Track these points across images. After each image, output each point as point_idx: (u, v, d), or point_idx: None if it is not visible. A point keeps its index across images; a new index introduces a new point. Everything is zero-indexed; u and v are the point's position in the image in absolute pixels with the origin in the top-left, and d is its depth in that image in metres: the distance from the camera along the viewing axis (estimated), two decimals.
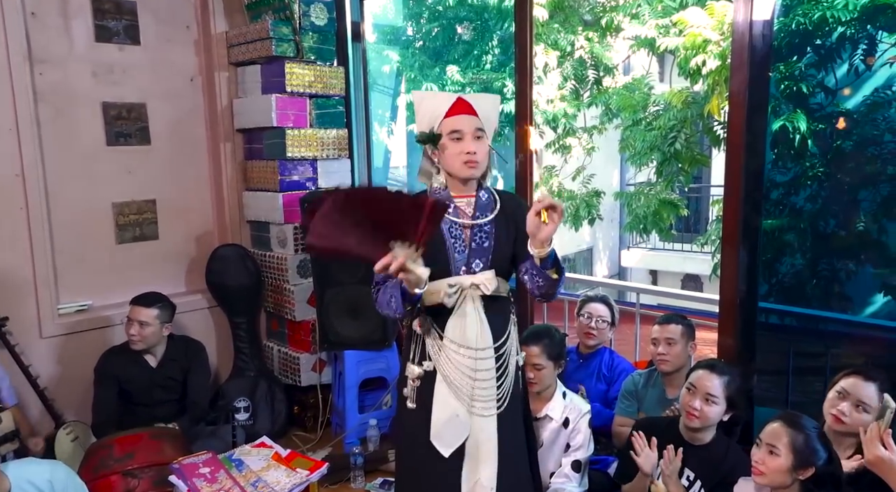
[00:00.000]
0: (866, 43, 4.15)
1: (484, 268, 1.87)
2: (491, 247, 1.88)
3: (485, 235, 1.87)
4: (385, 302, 1.81)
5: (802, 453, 1.75)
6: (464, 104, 1.84)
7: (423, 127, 1.87)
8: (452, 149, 1.82)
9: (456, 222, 1.87)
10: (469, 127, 1.81)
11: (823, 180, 5.04)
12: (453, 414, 1.83)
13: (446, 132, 1.82)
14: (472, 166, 1.82)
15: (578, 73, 7.11)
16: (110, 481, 2.37)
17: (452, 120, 1.82)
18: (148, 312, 2.79)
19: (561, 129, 7.36)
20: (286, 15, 3.15)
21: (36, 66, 2.89)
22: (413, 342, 1.93)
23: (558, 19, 6.94)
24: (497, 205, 1.91)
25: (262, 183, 3.34)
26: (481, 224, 1.87)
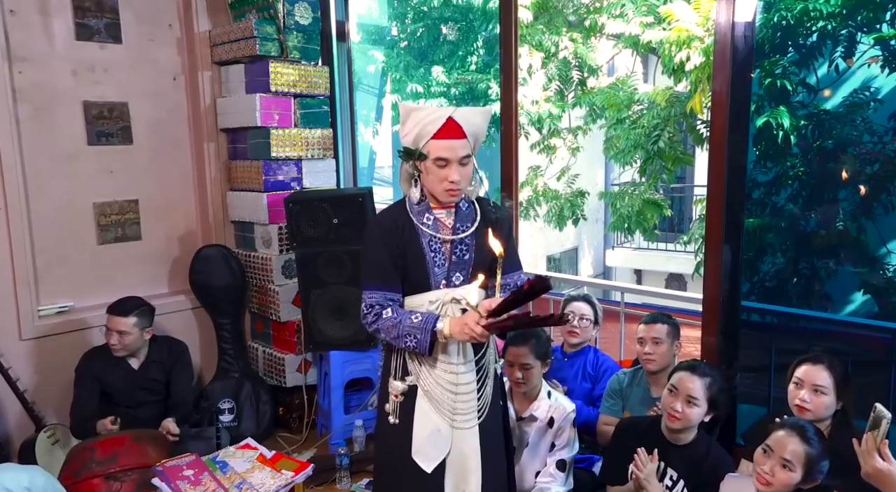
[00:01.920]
0: (846, 42, 4.21)
1: (464, 281, 1.84)
2: (471, 259, 1.85)
3: (465, 247, 1.84)
4: (397, 336, 1.76)
5: (814, 470, 1.78)
6: (454, 126, 1.74)
7: (407, 141, 1.79)
8: (436, 174, 1.76)
9: (436, 237, 1.82)
10: (455, 155, 1.74)
11: (804, 180, 5.11)
12: (435, 429, 1.83)
13: (432, 156, 1.75)
14: (452, 195, 1.79)
15: (563, 74, 7.15)
16: (92, 485, 2.34)
17: (440, 145, 1.74)
18: (125, 321, 2.74)
19: (546, 129, 7.39)
20: (270, 14, 3.13)
21: (15, 65, 2.85)
22: (394, 357, 1.89)
23: (543, 20, 6.97)
24: (477, 215, 1.88)
25: (247, 183, 3.32)
26: (463, 238, 1.84)
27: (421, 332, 1.73)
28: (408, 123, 1.78)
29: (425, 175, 1.79)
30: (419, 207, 1.83)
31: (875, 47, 3.85)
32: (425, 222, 1.83)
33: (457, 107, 1.80)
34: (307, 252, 2.97)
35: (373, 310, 1.80)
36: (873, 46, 4.07)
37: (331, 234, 2.94)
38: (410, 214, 1.84)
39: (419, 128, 1.75)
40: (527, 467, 2.41)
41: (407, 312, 1.77)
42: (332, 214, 2.92)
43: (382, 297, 1.80)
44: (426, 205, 1.84)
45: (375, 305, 1.80)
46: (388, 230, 1.82)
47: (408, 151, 1.80)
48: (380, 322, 1.79)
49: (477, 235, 1.84)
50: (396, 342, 1.78)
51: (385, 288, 1.81)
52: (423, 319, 1.74)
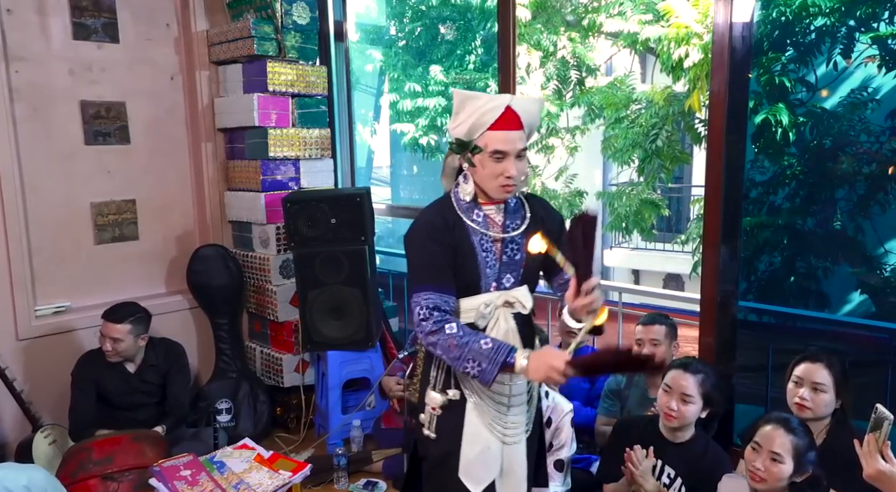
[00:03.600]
0: (845, 39, 4.21)
1: (515, 283, 1.72)
2: (522, 260, 1.71)
3: (516, 246, 1.71)
4: (458, 357, 1.57)
5: (803, 460, 1.80)
6: (512, 116, 1.61)
7: (460, 132, 1.64)
8: (491, 168, 1.62)
9: (486, 235, 1.69)
10: (513, 148, 1.61)
11: (802, 179, 5.12)
12: (485, 447, 1.70)
13: (488, 149, 1.61)
14: (508, 191, 1.65)
15: (561, 74, 7.15)
16: (89, 485, 2.34)
17: (497, 137, 1.60)
18: (119, 328, 2.72)
19: (544, 129, 7.39)
20: (268, 14, 3.13)
21: (12, 64, 2.84)
22: (435, 367, 1.74)
23: (541, 20, 6.96)
24: (526, 212, 1.75)
25: (244, 183, 3.32)
26: (514, 236, 1.71)
27: (489, 362, 1.54)
28: (462, 112, 1.63)
29: (478, 172, 1.65)
30: (468, 203, 1.70)
31: (872, 47, 3.85)
32: (475, 219, 1.69)
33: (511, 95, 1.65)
34: (305, 252, 2.97)
35: (433, 316, 1.61)
36: (871, 45, 4.07)
37: (329, 234, 2.94)
38: (458, 211, 1.70)
39: (475, 118, 1.60)
40: None
41: (475, 334, 1.58)
42: (330, 214, 2.92)
43: (439, 299, 1.63)
44: (475, 201, 1.70)
45: (435, 310, 1.61)
46: (438, 229, 1.67)
47: (461, 143, 1.65)
48: (441, 336, 1.59)
49: (528, 234, 1.70)
50: (454, 364, 1.60)
51: (441, 289, 1.64)
52: (494, 347, 1.54)
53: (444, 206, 1.73)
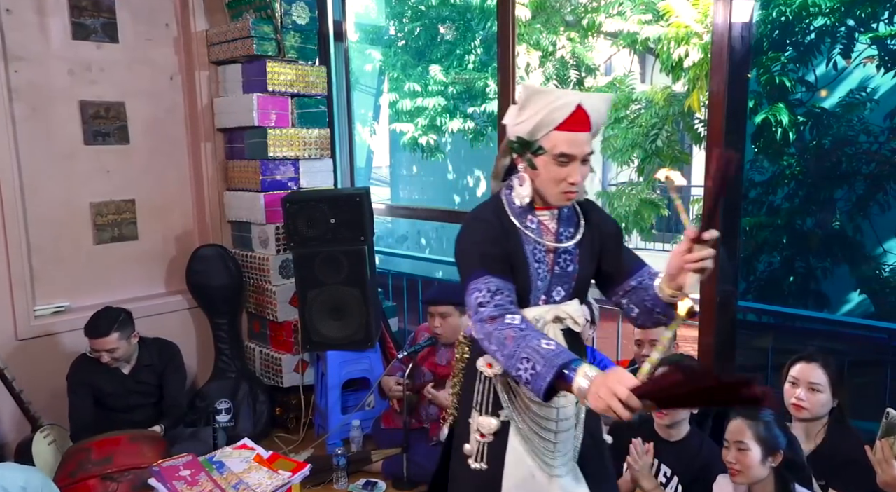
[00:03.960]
0: (844, 39, 4.21)
1: (566, 297, 1.58)
2: (575, 271, 1.58)
3: (570, 257, 1.57)
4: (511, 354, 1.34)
5: (768, 440, 1.81)
6: (582, 116, 1.45)
7: (522, 130, 1.48)
8: (553, 172, 1.48)
9: (540, 243, 1.54)
10: (581, 151, 1.47)
11: (801, 179, 5.12)
12: (528, 475, 1.54)
13: (553, 151, 1.46)
14: (570, 198, 1.51)
15: (560, 74, 7.15)
16: (89, 485, 2.34)
17: (565, 138, 1.44)
18: (109, 340, 2.68)
19: None
20: (267, 13, 3.13)
21: (11, 64, 2.84)
22: (480, 387, 1.58)
23: (540, 19, 6.96)
24: (580, 219, 1.61)
25: (244, 183, 3.32)
26: (568, 246, 1.56)
27: (546, 365, 1.28)
28: (528, 107, 1.46)
29: (537, 174, 1.50)
30: (521, 207, 1.55)
31: (872, 47, 3.86)
32: (529, 226, 1.55)
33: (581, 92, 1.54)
34: (304, 252, 2.97)
35: (494, 300, 1.41)
36: (870, 46, 4.07)
37: (328, 234, 2.94)
38: (511, 216, 1.55)
39: (542, 115, 1.44)
40: None
41: (538, 331, 1.38)
42: (330, 214, 2.92)
43: (503, 283, 1.44)
44: (529, 205, 1.55)
45: (498, 294, 1.42)
46: (496, 229, 1.53)
47: (524, 143, 1.49)
48: (499, 325, 1.38)
49: (582, 244, 1.58)
50: (505, 362, 1.36)
51: (502, 277, 1.46)
52: (556, 350, 1.30)
53: (497, 208, 1.58)
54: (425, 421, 2.95)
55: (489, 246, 1.50)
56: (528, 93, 1.49)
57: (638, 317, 1.57)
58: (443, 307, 2.82)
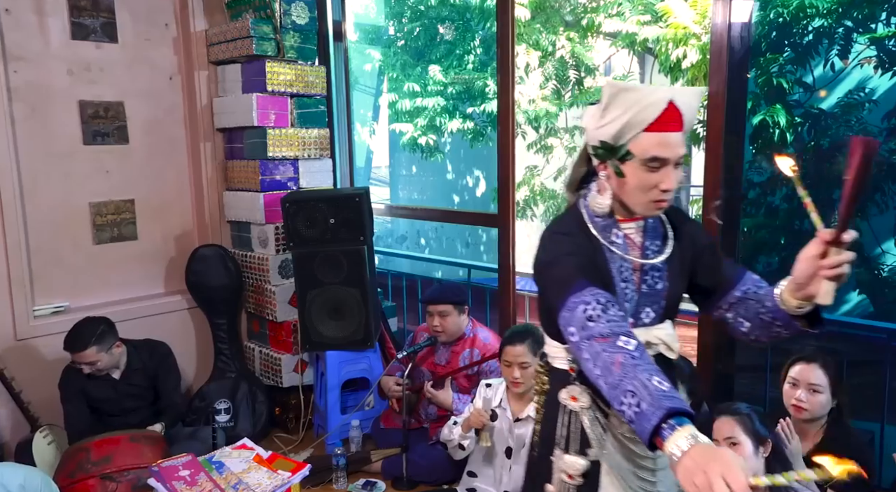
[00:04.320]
0: (842, 40, 4.22)
1: (655, 318, 1.41)
2: (664, 290, 1.41)
3: (658, 273, 1.40)
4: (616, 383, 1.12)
5: (757, 432, 1.85)
6: (674, 115, 1.29)
7: (607, 133, 1.31)
8: (643, 179, 1.31)
9: (626, 260, 1.38)
10: (674, 154, 1.30)
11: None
12: None
13: (644, 155, 1.29)
14: (661, 206, 1.34)
15: (560, 74, 7.16)
16: (88, 485, 2.34)
17: (656, 139, 1.28)
18: (87, 353, 2.63)
19: (543, 129, 7.39)
20: (267, 13, 3.13)
21: (10, 64, 2.84)
22: (564, 421, 1.42)
23: (540, 19, 6.97)
24: (668, 230, 1.43)
25: (243, 183, 3.32)
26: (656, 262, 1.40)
27: (653, 406, 1.05)
28: (613, 107, 1.30)
29: (623, 182, 1.33)
30: (603, 220, 1.39)
31: (870, 47, 3.86)
32: (615, 242, 1.38)
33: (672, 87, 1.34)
34: (304, 252, 2.97)
35: (607, 313, 1.21)
36: (868, 46, 4.07)
37: (327, 234, 2.94)
38: (594, 230, 1.39)
39: (630, 114, 1.28)
40: (524, 467, 2.42)
41: (653, 365, 1.15)
42: (329, 214, 2.92)
43: (611, 296, 1.26)
44: (611, 217, 1.39)
45: (611, 307, 1.22)
46: (584, 244, 1.37)
47: (609, 147, 1.33)
48: (610, 346, 1.16)
49: (671, 258, 1.41)
50: (607, 391, 1.15)
51: (607, 291, 1.28)
52: (667, 393, 1.07)
53: (577, 222, 1.41)
54: (425, 421, 2.95)
55: (584, 257, 1.34)
56: (612, 91, 1.30)
57: (750, 331, 1.37)
58: (442, 306, 2.83)
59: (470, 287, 3.73)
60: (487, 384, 2.55)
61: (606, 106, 1.31)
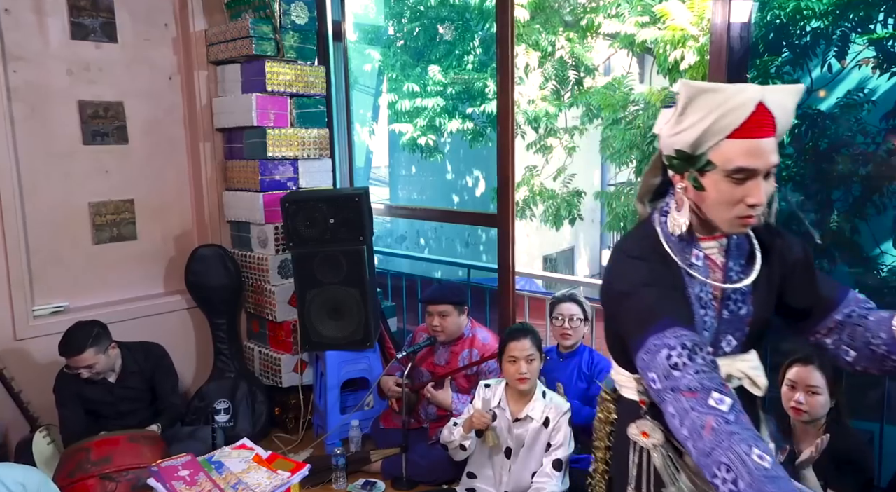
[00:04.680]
0: (840, 42, 4.22)
1: (737, 347, 1.27)
2: (749, 315, 1.27)
3: (741, 297, 1.26)
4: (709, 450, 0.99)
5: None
6: (764, 117, 1.13)
7: (684, 140, 1.17)
8: (727, 192, 1.15)
9: (707, 284, 1.24)
10: (765, 163, 1.14)
11: (798, 180, 5.13)
12: None
13: (727, 165, 1.14)
14: (748, 223, 1.18)
15: (559, 74, 7.17)
16: (87, 485, 2.34)
17: (743, 147, 1.13)
18: (85, 357, 2.59)
19: (542, 129, 7.40)
20: (266, 13, 3.13)
21: (10, 64, 2.84)
22: (636, 459, 1.30)
23: (539, 20, 6.98)
24: (754, 247, 1.27)
25: (243, 183, 3.32)
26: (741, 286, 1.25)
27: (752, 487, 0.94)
28: (692, 110, 1.15)
29: (709, 193, 1.18)
30: (681, 238, 1.24)
31: (869, 48, 3.88)
32: (694, 263, 1.24)
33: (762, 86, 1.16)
34: (303, 252, 2.97)
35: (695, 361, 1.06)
36: (867, 47, 4.09)
37: (327, 234, 2.94)
38: (670, 250, 1.24)
39: (712, 119, 1.13)
40: (523, 467, 2.42)
41: (751, 431, 1.00)
42: (329, 215, 2.92)
43: (698, 338, 1.11)
44: (690, 235, 1.24)
45: (698, 351, 1.08)
46: (660, 266, 1.23)
47: (686, 157, 1.18)
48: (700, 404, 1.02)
49: (757, 280, 1.25)
50: (697, 457, 1.01)
51: (692, 329, 1.13)
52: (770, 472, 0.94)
53: (651, 241, 1.26)
54: (424, 421, 2.95)
55: (665, 288, 1.18)
56: (690, 92, 1.15)
57: (857, 361, 1.23)
58: (441, 306, 2.83)
59: (469, 287, 3.74)
60: (486, 385, 2.55)
61: (683, 109, 1.16)
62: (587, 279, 10.48)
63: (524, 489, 2.40)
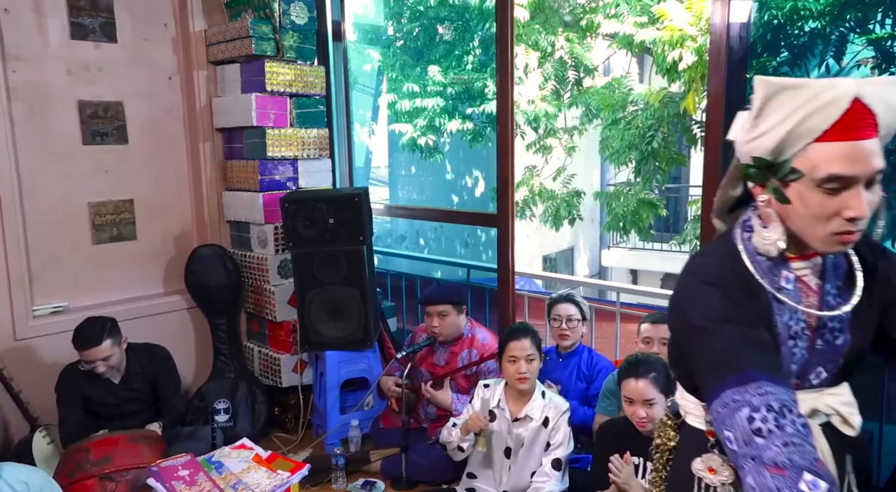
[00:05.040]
0: (838, 42, 4.23)
1: (827, 379, 1.12)
2: (846, 344, 1.11)
3: (839, 324, 1.10)
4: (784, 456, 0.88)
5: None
6: (861, 115, 0.97)
7: (763, 145, 1.02)
8: (818, 205, 1.00)
9: (799, 312, 1.08)
10: (865, 168, 0.97)
11: None
12: None
13: (816, 173, 0.98)
14: (847, 241, 1.01)
15: (559, 74, 7.16)
16: (87, 485, 2.34)
17: (836, 151, 0.97)
18: (103, 348, 2.62)
19: (542, 129, 7.40)
20: (266, 13, 3.13)
21: (9, 64, 2.84)
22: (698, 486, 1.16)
23: (539, 20, 6.98)
24: (853, 265, 1.11)
25: (242, 183, 3.32)
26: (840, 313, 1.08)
27: None
28: (770, 110, 1.00)
29: (795, 207, 1.02)
30: (768, 258, 1.08)
31: (868, 48, 3.88)
32: (784, 287, 1.08)
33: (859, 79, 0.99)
34: (303, 252, 2.97)
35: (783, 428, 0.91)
36: (866, 47, 4.09)
37: (327, 234, 2.94)
38: (755, 272, 1.07)
39: (797, 118, 0.98)
40: (523, 467, 2.42)
41: None
42: (328, 214, 2.92)
43: (787, 394, 0.95)
44: (779, 254, 1.07)
45: (784, 413, 0.92)
46: (740, 293, 1.05)
47: (766, 165, 1.03)
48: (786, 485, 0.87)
49: (859, 306, 1.09)
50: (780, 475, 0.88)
51: (778, 379, 0.96)
52: None
53: (732, 261, 1.09)
54: (424, 421, 2.95)
55: (747, 325, 1.01)
56: (768, 89, 0.99)
57: None
58: (440, 307, 2.83)
59: (469, 287, 3.74)
60: (485, 385, 2.55)
61: (760, 110, 1.01)
62: (587, 279, 10.48)
63: (524, 489, 2.40)
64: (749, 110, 1.04)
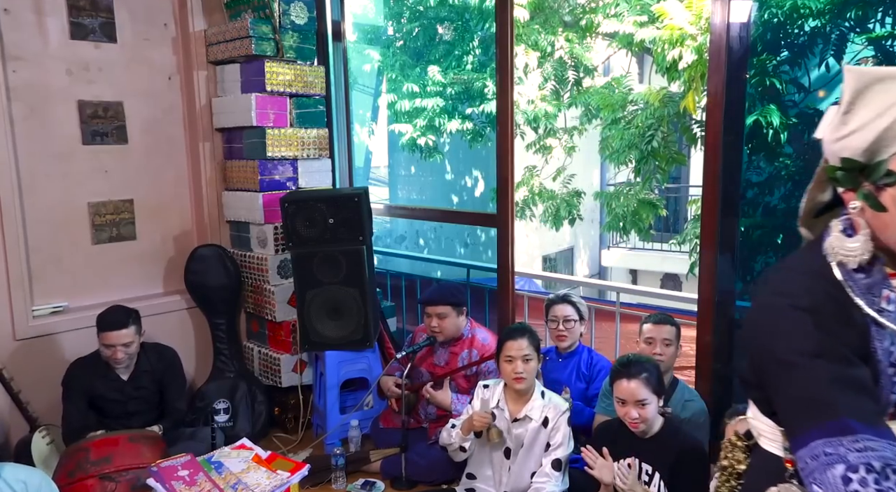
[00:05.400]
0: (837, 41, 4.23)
1: None
2: None
3: None
4: None
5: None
6: None
7: (853, 145, 0.92)
8: None
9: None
10: None
11: (798, 180, 5.14)
12: None
13: None
14: None
15: (559, 74, 7.16)
16: (87, 485, 2.34)
17: None
18: (127, 332, 2.67)
19: (541, 129, 7.40)
20: (266, 13, 3.13)
21: (9, 64, 2.84)
22: None
23: (539, 20, 6.98)
24: None
25: (242, 183, 3.32)
26: None
27: None
28: (862, 106, 0.91)
29: (892, 216, 0.92)
30: (866, 275, 0.95)
31: (868, 47, 3.88)
32: (885, 309, 0.95)
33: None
34: (303, 252, 2.97)
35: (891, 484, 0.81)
36: (866, 46, 4.09)
37: (326, 234, 2.94)
38: (850, 291, 0.95)
39: (891, 117, 0.88)
40: (523, 467, 2.42)
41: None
42: (328, 214, 2.92)
43: (891, 449, 0.84)
44: (879, 270, 0.95)
45: (886, 475, 0.81)
46: (834, 321, 0.92)
47: (856, 167, 0.93)
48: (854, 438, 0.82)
49: None
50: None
51: (878, 429, 0.85)
52: None
53: (823, 279, 0.96)
54: (424, 421, 2.95)
55: (843, 362, 0.89)
56: (860, 82, 0.89)
57: None
58: (440, 308, 2.83)
59: (469, 287, 3.74)
60: (485, 385, 2.54)
61: (850, 105, 0.90)
62: (586, 279, 10.48)
63: (524, 489, 2.40)
64: (838, 105, 0.93)
